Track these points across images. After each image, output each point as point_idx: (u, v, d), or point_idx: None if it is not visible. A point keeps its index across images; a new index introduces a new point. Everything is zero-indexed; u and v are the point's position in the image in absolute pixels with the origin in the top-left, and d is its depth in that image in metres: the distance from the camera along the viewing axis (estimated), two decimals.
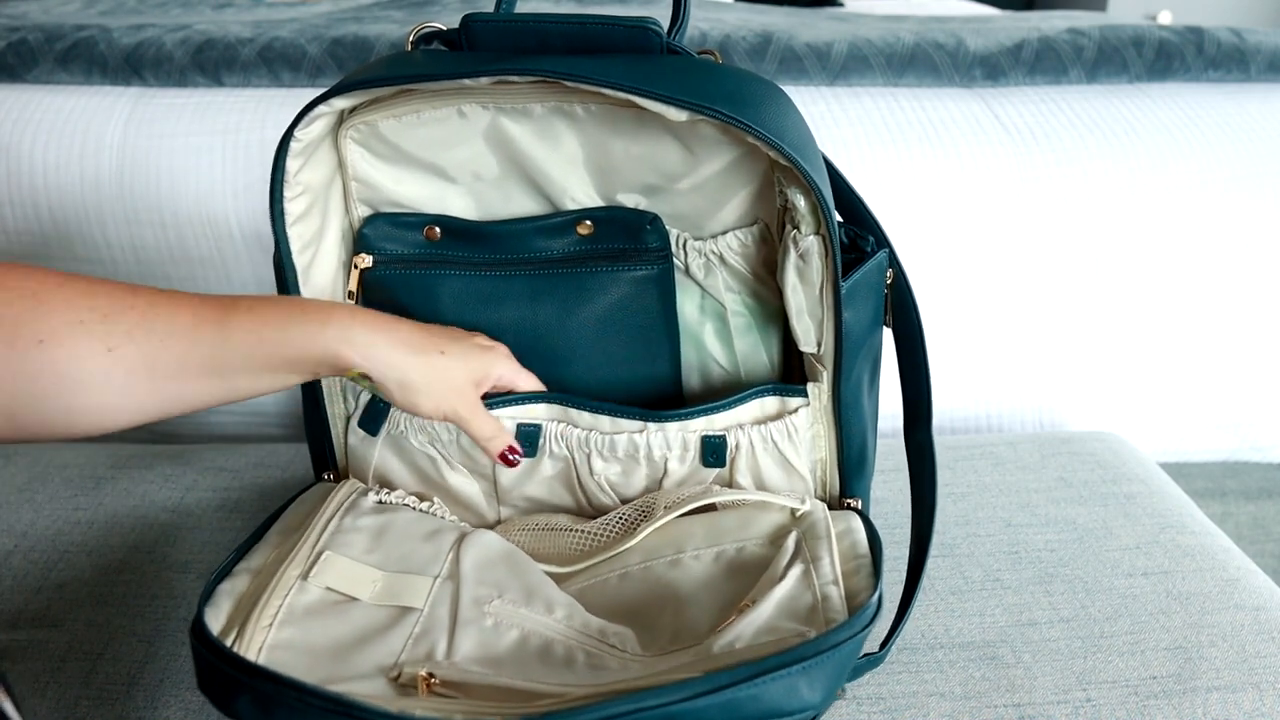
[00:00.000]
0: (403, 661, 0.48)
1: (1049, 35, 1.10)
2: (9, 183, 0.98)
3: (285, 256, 0.58)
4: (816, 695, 0.40)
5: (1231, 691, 0.58)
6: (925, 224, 0.99)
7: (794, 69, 1.06)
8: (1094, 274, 1.01)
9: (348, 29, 1.10)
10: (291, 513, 0.57)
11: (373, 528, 0.56)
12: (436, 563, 0.54)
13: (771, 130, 0.52)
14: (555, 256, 0.63)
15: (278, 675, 0.39)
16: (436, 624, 0.50)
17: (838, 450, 0.61)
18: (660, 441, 0.61)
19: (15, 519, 0.74)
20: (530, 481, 0.63)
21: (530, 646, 0.50)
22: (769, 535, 0.57)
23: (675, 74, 0.53)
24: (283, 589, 0.49)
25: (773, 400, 0.61)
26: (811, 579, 0.50)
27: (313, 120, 0.55)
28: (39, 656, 0.61)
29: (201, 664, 0.42)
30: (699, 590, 0.54)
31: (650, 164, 0.60)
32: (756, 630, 0.47)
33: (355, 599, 0.51)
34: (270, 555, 0.52)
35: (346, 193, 0.62)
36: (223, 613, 0.48)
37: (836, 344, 0.57)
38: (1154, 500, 0.77)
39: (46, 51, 1.04)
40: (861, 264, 0.57)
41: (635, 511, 0.61)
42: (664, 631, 0.52)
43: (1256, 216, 1.02)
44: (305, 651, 0.47)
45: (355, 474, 0.64)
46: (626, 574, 0.57)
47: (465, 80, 0.53)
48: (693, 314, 0.65)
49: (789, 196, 0.56)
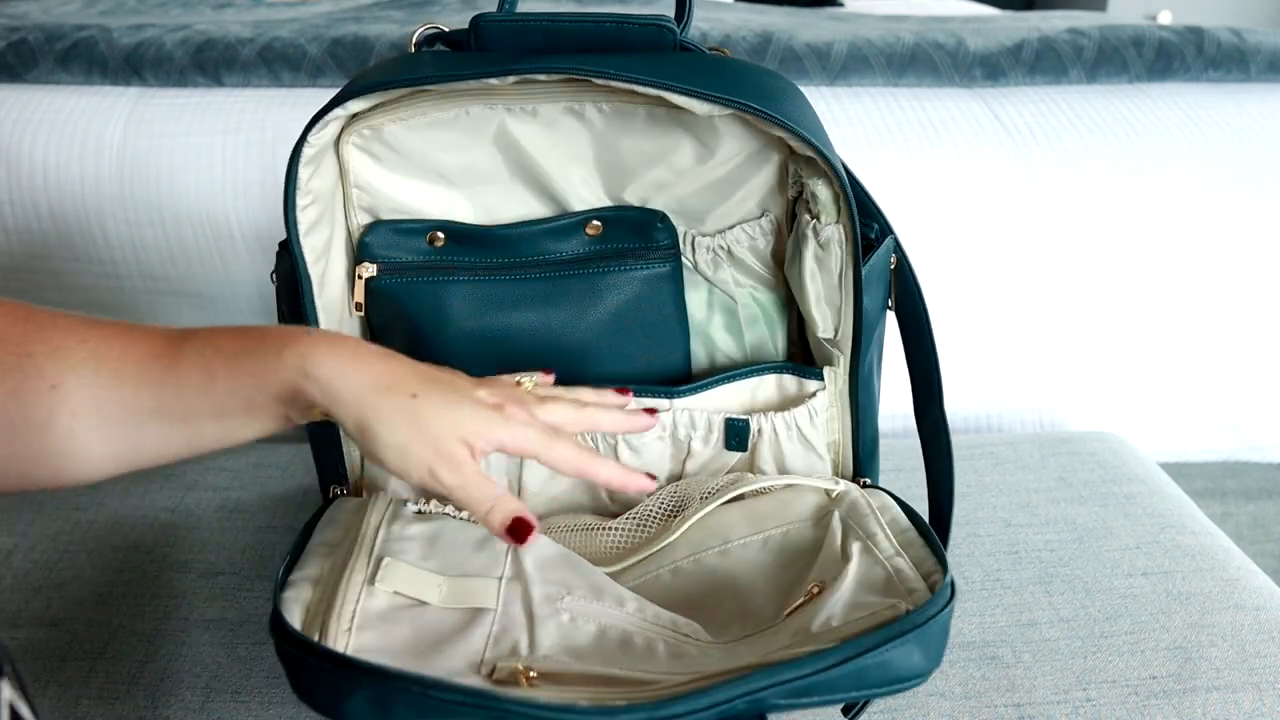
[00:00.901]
0: (491, 658, 0.47)
1: (1049, 35, 1.10)
2: (9, 183, 0.98)
3: (301, 268, 0.56)
4: (928, 660, 0.42)
5: (1231, 691, 0.58)
6: (925, 224, 0.99)
7: (794, 69, 1.06)
8: (1094, 274, 1.01)
9: (348, 29, 1.10)
10: (326, 528, 0.56)
11: (423, 535, 0.55)
12: (496, 565, 0.54)
13: (798, 123, 0.53)
14: (565, 258, 0.63)
15: (402, 673, 0.38)
16: (513, 622, 0.50)
17: (853, 433, 0.62)
18: (685, 420, 0.62)
19: (15, 519, 0.74)
20: (556, 483, 0.63)
21: (610, 639, 0.50)
22: (811, 517, 0.58)
23: (702, 70, 0.53)
24: (353, 595, 0.48)
25: (791, 381, 0.63)
26: (875, 554, 0.51)
27: (325, 124, 0.54)
28: (39, 656, 0.61)
29: (303, 669, 0.40)
30: (755, 576, 0.55)
31: (662, 161, 0.61)
32: (846, 607, 0.47)
33: (425, 603, 0.50)
34: (326, 564, 0.52)
35: (347, 200, 0.61)
36: (295, 619, 0.47)
37: (856, 329, 0.59)
38: (1154, 500, 0.77)
39: (46, 51, 1.04)
40: (873, 250, 0.58)
41: (662, 506, 0.61)
42: (728, 620, 0.53)
43: (1256, 216, 1.02)
44: (386, 654, 0.46)
45: (371, 488, 0.63)
46: (678, 569, 0.57)
47: (491, 80, 0.53)
48: (700, 309, 0.66)
49: (809, 187, 0.56)
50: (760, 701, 0.40)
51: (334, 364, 0.44)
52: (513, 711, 0.37)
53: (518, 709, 0.37)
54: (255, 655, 0.61)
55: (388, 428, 0.44)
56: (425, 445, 0.44)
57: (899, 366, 0.90)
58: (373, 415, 0.44)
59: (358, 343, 0.46)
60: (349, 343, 0.46)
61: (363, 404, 0.44)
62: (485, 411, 0.47)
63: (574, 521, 0.62)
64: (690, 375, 0.66)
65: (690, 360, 0.66)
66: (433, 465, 0.45)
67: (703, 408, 0.62)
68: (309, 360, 0.43)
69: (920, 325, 0.62)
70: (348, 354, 0.45)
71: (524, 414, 0.48)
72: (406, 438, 0.44)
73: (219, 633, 0.63)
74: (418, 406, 0.45)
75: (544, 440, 0.47)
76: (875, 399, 0.63)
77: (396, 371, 0.46)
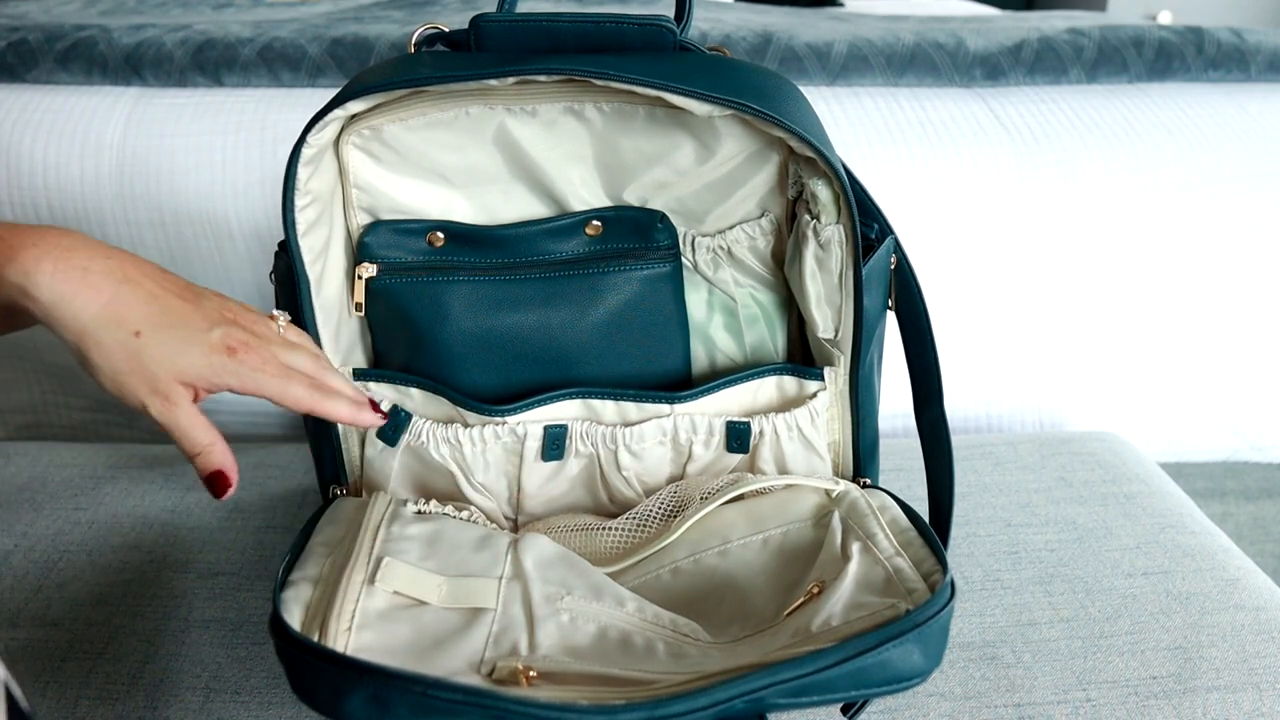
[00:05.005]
0: (491, 658, 0.47)
1: (1049, 35, 1.10)
2: (9, 183, 0.98)
3: (299, 268, 0.57)
4: (927, 660, 0.42)
5: (1231, 691, 0.58)
6: (925, 224, 0.99)
7: (794, 69, 1.06)
8: (1094, 274, 1.01)
9: (348, 29, 1.10)
10: (327, 527, 0.56)
11: (423, 535, 0.55)
12: (496, 565, 0.54)
13: (797, 123, 0.52)
14: (565, 258, 0.63)
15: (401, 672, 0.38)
16: (513, 622, 0.50)
17: (853, 433, 0.62)
18: (687, 425, 0.62)
19: (15, 519, 0.74)
20: (555, 484, 0.63)
21: (610, 638, 0.50)
22: (810, 517, 0.58)
23: (701, 70, 0.54)
24: (353, 594, 0.48)
25: (791, 382, 0.62)
26: (875, 554, 0.51)
27: (325, 125, 0.54)
28: (39, 656, 0.61)
29: (303, 669, 0.40)
30: (755, 577, 0.55)
31: (662, 161, 0.61)
32: (845, 607, 0.48)
33: (425, 603, 0.50)
34: (326, 564, 0.52)
35: (346, 200, 0.61)
36: (295, 619, 0.47)
37: (856, 329, 0.59)
38: (1154, 500, 0.77)
39: (46, 51, 1.04)
40: (874, 251, 0.58)
41: (662, 507, 0.61)
42: (728, 620, 0.53)
43: (1256, 216, 1.02)
44: (386, 653, 0.46)
45: (370, 487, 0.63)
46: (677, 569, 0.57)
47: (491, 81, 0.53)
48: (700, 309, 0.66)
49: (809, 187, 0.57)
50: (760, 701, 0.40)
51: (58, 287, 0.43)
52: (512, 711, 0.37)
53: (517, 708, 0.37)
54: (255, 655, 0.61)
55: (105, 358, 0.45)
56: (142, 381, 0.45)
57: (899, 366, 0.91)
58: (92, 345, 0.44)
59: (90, 254, 0.45)
60: (77, 257, 0.44)
61: (83, 333, 0.44)
62: (216, 356, 0.47)
63: (574, 521, 0.62)
64: (690, 376, 0.66)
65: (690, 360, 0.66)
66: (146, 401, 0.46)
67: (704, 411, 0.62)
68: (31, 280, 0.43)
69: (920, 325, 0.62)
70: (75, 275, 0.44)
71: (257, 358, 0.49)
72: (123, 371, 0.45)
73: (219, 633, 0.63)
74: (140, 345, 0.45)
75: (277, 384, 0.49)
76: (875, 399, 0.63)
77: (125, 300, 0.45)
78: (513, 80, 0.53)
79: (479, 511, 0.62)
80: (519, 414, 0.61)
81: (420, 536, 0.55)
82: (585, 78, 0.52)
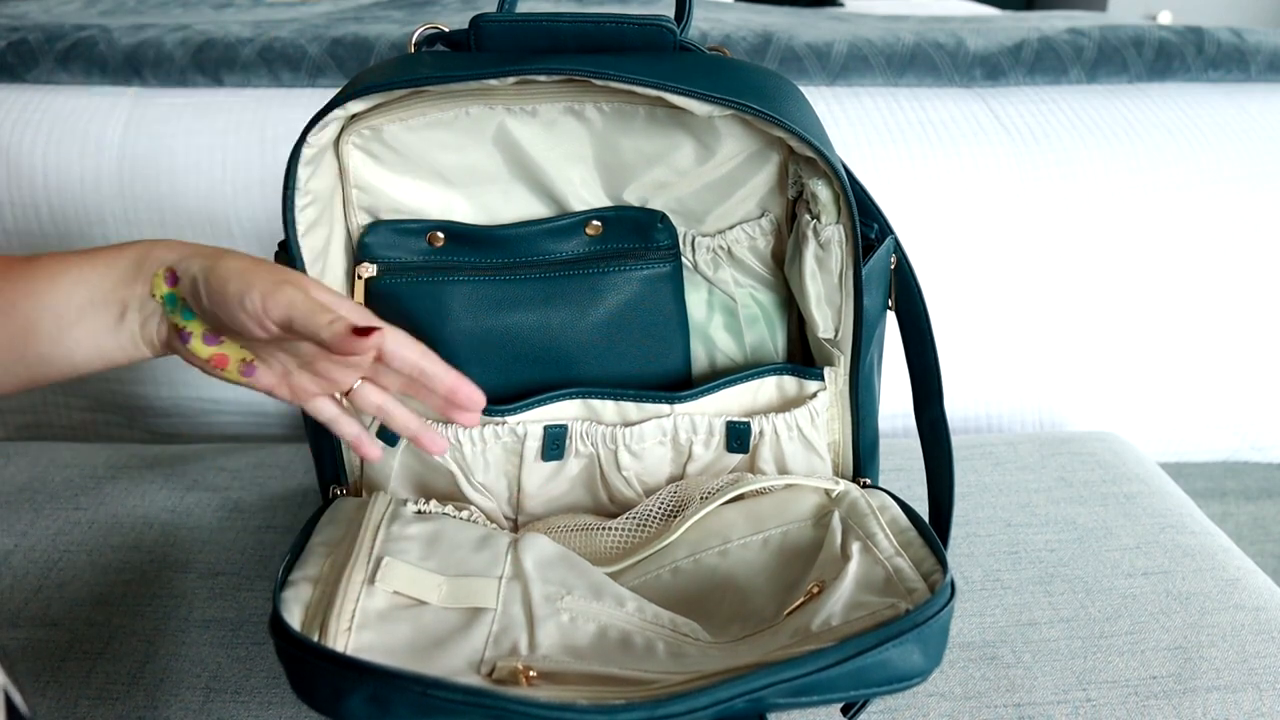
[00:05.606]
0: (491, 658, 0.47)
1: (1049, 35, 1.10)
2: (9, 183, 0.98)
3: (299, 268, 0.56)
4: (927, 660, 0.42)
5: (1231, 691, 0.58)
6: (925, 224, 0.99)
7: (794, 69, 1.06)
8: (1094, 274, 1.01)
9: (348, 29, 1.10)
10: (326, 527, 0.56)
11: (423, 535, 0.55)
12: (496, 565, 0.54)
13: (797, 123, 0.53)
14: (565, 258, 0.63)
15: (401, 672, 0.38)
16: (513, 622, 0.50)
17: (853, 432, 0.62)
18: (687, 425, 0.62)
19: (15, 519, 0.74)
20: (555, 484, 0.63)
21: (610, 638, 0.50)
22: (810, 517, 0.58)
23: (701, 70, 0.54)
24: (353, 594, 0.48)
25: (791, 382, 0.62)
26: (875, 553, 0.51)
27: (325, 125, 0.54)
28: (39, 656, 0.61)
29: (303, 669, 0.40)
30: (755, 576, 0.55)
31: (662, 161, 0.61)
32: (846, 606, 0.48)
33: (425, 603, 0.50)
34: (326, 563, 0.52)
35: (346, 201, 0.61)
36: (295, 619, 0.47)
37: (856, 329, 0.59)
38: (1154, 500, 0.77)
39: (46, 51, 1.04)
40: (874, 251, 0.58)
41: (662, 506, 0.61)
42: (728, 620, 0.53)
43: (1256, 216, 1.02)
44: (386, 653, 0.46)
45: (370, 487, 0.63)
46: (678, 568, 0.57)
47: (491, 81, 0.53)
48: (700, 309, 0.66)
49: (809, 187, 0.57)
50: (760, 701, 0.40)
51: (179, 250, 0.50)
52: (512, 710, 0.37)
53: (517, 708, 0.37)
54: (255, 655, 0.61)
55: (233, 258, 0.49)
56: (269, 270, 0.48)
57: (899, 366, 0.91)
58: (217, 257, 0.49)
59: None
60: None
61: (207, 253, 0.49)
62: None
63: (574, 521, 0.62)
64: (690, 376, 0.66)
65: (690, 360, 0.66)
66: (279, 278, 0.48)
67: (704, 411, 0.62)
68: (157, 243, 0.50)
69: (920, 325, 0.62)
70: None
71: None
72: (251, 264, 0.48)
73: (219, 633, 0.63)
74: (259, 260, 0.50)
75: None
76: (875, 399, 0.63)
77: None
78: (513, 80, 0.53)
79: (479, 511, 0.62)
80: (519, 414, 0.61)
81: (420, 536, 0.55)
82: (585, 78, 0.52)
